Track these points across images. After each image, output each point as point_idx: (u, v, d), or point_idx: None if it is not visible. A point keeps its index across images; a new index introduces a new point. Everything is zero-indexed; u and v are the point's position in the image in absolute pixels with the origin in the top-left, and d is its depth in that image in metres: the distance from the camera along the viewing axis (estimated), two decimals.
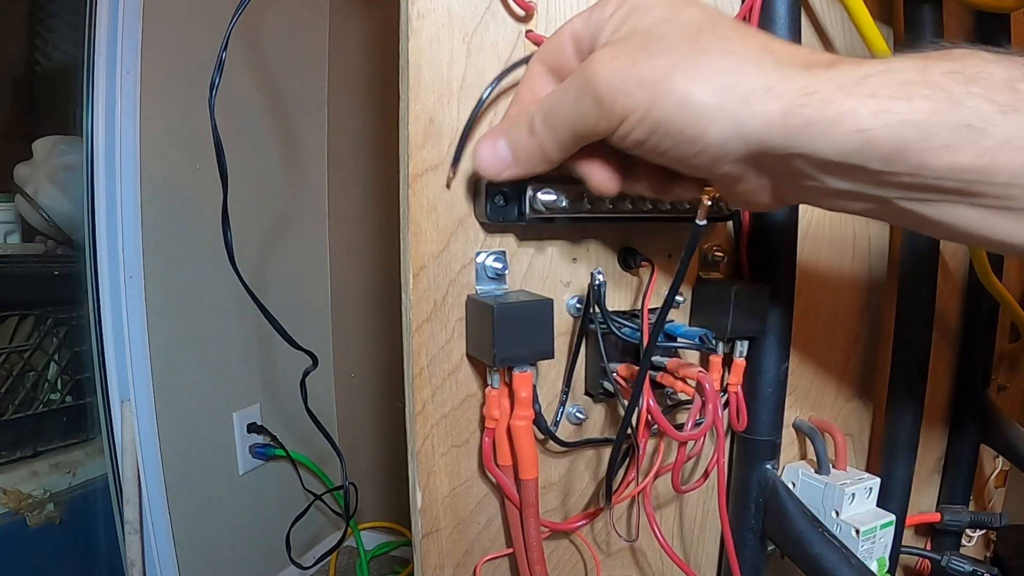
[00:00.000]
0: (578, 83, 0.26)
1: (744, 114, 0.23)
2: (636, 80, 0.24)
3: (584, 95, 0.26)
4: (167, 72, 0.92)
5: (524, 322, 0.33)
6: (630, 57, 0.25)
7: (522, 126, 0.29)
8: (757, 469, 0.43)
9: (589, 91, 0.25)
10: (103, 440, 0.91)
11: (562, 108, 0.27)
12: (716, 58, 0.24)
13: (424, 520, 0.37)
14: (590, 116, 0.26)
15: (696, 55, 0.24)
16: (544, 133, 0.28)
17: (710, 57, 0.24)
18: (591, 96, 0.25)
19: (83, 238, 0.89)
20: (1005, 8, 0.46)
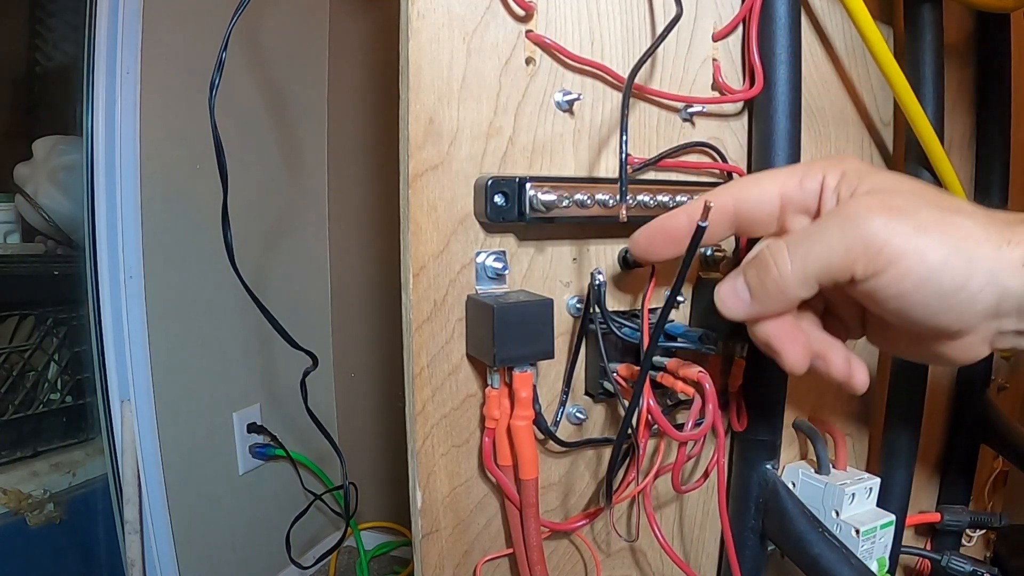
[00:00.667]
0: (843, 223, 0.27)
1: (1002, 264, 0.25)
2: (912, 227, 0.25)
3: (850, 235, 0.26)
4: (167, 72, 0.92)
5: (524, 322, 0.33)
6: (902, 208, 0.26)
7: (762, 265, 0.29)
8: (757, 469, 0.43)
9: (858, 233, 0.26)
10: (103, 440, 0.91)
11: (819, 245, 0.27)
12: (962, 214, 0.26)
13: (424, 520, 0.37)
14: (851, 256, 0.26)
15: (947, 213, 0.26)
16: (790, 268, 0.28)
17: (959, 215, 0.26)
18: (859, 237, 0.26)
19: (83, 238, 0.89)
20: (1005, 8, 0.46)
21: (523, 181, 0.34)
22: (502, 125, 0.36)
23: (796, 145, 0.41)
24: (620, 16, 0.39)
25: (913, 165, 0.46)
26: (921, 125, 0.42)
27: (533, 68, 0.36)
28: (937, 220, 0.26)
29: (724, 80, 0.42)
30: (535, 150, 0.37)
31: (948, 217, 0.26)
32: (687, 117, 0.42)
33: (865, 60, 0.47)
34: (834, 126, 0.47)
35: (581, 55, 0.37)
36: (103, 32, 0.85)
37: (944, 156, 0.44)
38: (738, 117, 0.44)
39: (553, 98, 0.37)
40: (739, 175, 0.42)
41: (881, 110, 0.49)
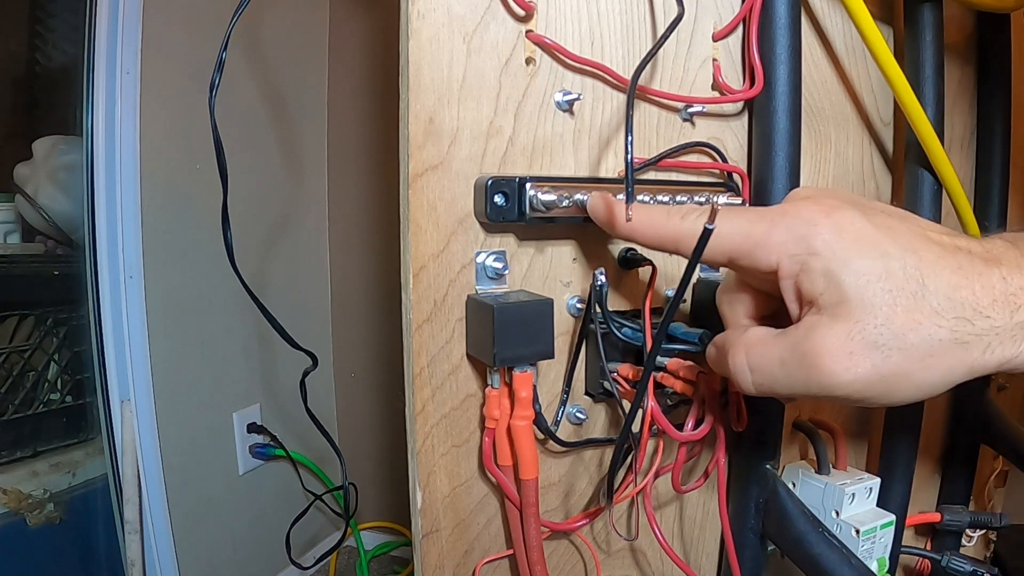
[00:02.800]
0: (806, 372, 0.26)
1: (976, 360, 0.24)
2: (876, 380, 0.25)
3: (814, 385, 0.26)
4: (167, 72, 0.92)
5: (524, 322, 0.33)
6: (866, 356, 0.24)
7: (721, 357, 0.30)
8: (757, 469, 0.43)
9: (823, 387, 0.26)
10: (103, 440, 0.91)
11: (782, 383, 0.27)
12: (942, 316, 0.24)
13: (424, 520, 0.37)
14: (812, 393, 0.26)
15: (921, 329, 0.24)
16: (750, 381, 0.28)
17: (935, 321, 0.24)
18: (822, 388, 0.26)
19: (83, 238, 0.89)
20: (1005, 8, 0.46)
21: (523, 181, 0.34)
22: (502, 125, 0.36)
23: (796, 145, 0.41)
24: (620, 16, 0.39)
25: (913, 165, 0.46)
26: (921, 125, 0.42)
27: (533, 68, 0.36)
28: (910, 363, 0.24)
29: (724, 80, 0.42)
30: (535, 150, 0.37)
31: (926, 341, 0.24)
32: (687, 117, 0.42)
33: (865, 60, 0.47)
34: (834, 126, 0.47)
35: (581, 55, 0.37)
36: (103, 32, 0.85)
37: (944, 156, 0.44)
38: (738, 117, 0.44)
39: (553, 98, 0.37)
40: (739, 175, 0.42)
41: (881, 110, 0.49)
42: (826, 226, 0.26)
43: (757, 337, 0.29)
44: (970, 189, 0.54)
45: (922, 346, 0.24)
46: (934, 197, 0.46)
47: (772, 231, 0.27)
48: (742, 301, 0.31)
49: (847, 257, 0.25)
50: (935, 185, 0.46)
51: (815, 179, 0.47)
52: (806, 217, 0.26)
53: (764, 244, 0.27)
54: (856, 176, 0.49)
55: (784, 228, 0.27)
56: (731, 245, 0.28)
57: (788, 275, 0.27)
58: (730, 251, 0.28)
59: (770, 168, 0.41)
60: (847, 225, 0.26)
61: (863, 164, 0.50)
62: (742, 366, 0.28)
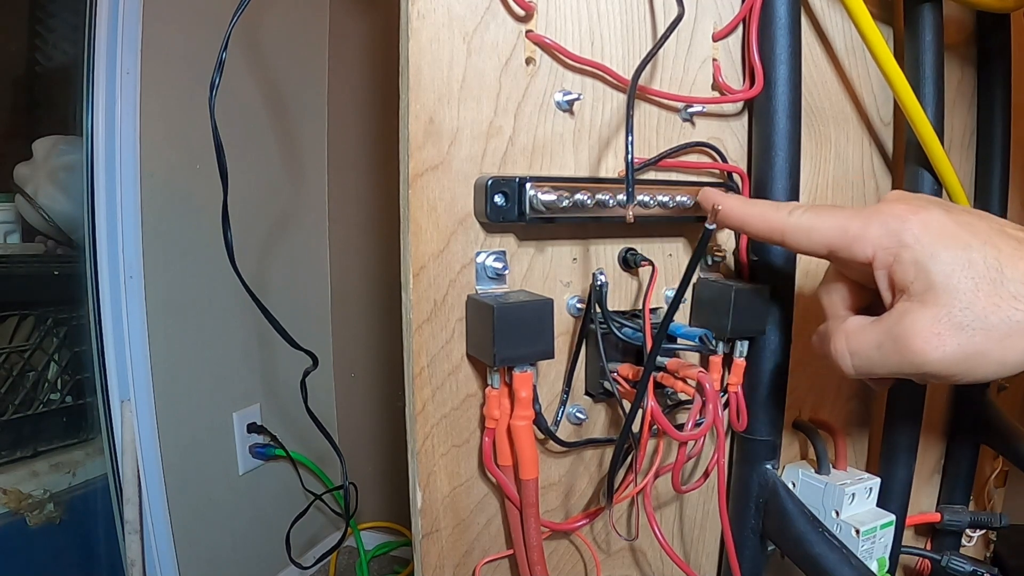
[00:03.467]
0: (900, 354, 0.29)
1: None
2: (961, 358, 0.27)
3: (907, 364, 0.29)
4: (167, 72, 0.92)
5: (524, 322, 0.33)
6: (952, 336, 0.27)
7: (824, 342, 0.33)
8: (757, 469, 0.43)
9: (915, 365, 0.28)
10: (103, 440, 0.91)
11: (880, 367, 0.30)
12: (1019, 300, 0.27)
13: (424, 520, 0.37)
14: (905, 372, 0.29)
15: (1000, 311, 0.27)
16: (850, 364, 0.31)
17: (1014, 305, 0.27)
18: (914, 367, 0.28)
19: (83, 238, 0.88)
20: (1005, 8, 0.46)
21: (523, 181, 0.34)
22: (502, 125, 0.36)
23: (796, 145, 0.41)
24: (620, 16, 0.39)
25: (913, 165, 0.46)
26: (921, 125, 0.42)
27: (533, 68, 0.36)
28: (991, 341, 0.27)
29: (724, 80, 0.42)
30: (535, 150, 0.37)
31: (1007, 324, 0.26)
32: (687, 117, 0.42)
33: (865, 60, 0.47)
34: (834, 126, 0.47)
35: (581, 55, 0.37)
36: (103, 32, 0.85)
37: (944, 156, 0.44)
38: (738, 117, 0.44)
39: (553, 98, 0.37)
40: (739, 175, 0.42)
41: (881, 110, 0.49)
42: (915, 222, 0.29)
43: (855, 325, 0.32)
44: (970, 189, 0.54)
45: (1002, 327, 0.27)
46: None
47: (868, 226, 0.30)
48: (840, 292, 0.34)
49: (934, 249, 0.28)
50: (935, 185, 0.46)
51: (815, 179, 0.47)
52: (897, 214, 0.29)
53: (861, 238, 0.30)
54: (856, 176, 0.49)
55: (878, 224, 0.30)
56: (831, 238, 0.31)
57: (882, 265, 0.30)
58: (830, 243, 0.31)
59: (770, 168, 0.41)
60: (933, 221, 0.29)
61: (863, 164, 0.50)
62: (843, 351, 0.31)
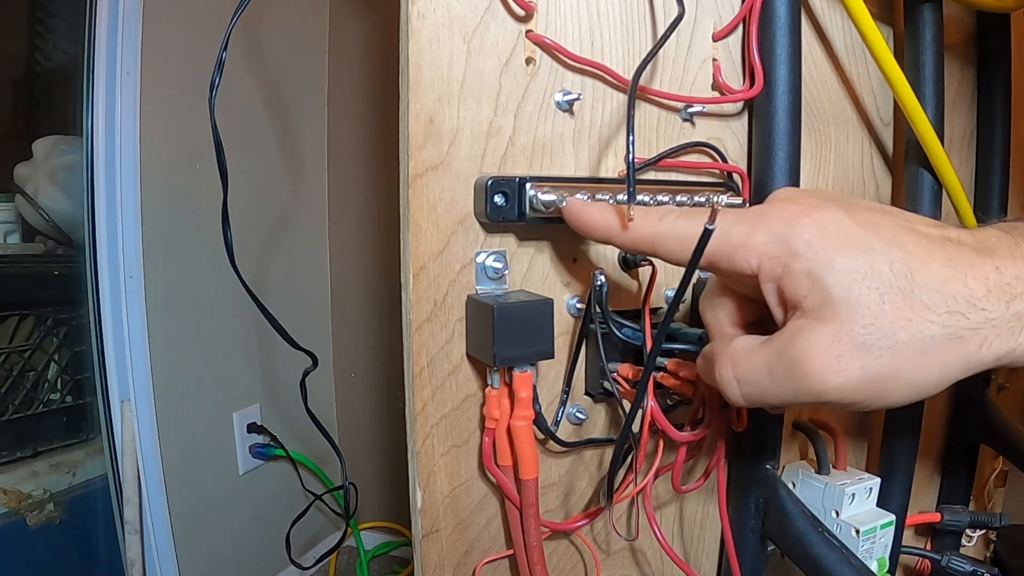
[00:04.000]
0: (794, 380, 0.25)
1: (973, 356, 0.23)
2: (867, 382, 0.24)
3: (803, 392, 0.25)
4: (167, 72, 0.92)
5: (524, 322, 0.33)
6: (854, 358, 0.24)
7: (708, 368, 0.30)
8: (757, 469, 0.43)
9: (812, 393, 0.25)
10: (103, 440, 0.91)
11: (771, 392, 0.26)
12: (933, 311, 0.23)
13: (424, 520, 0.37)
14: (801, 401, 0.26)
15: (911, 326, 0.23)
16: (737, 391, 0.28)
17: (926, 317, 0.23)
18: (811, 395, 0.25)
19: (83, 238, 0.89)
20: (1005, 8, 0.46)
21: (523, 181, 0.34)
22: (502, 125, 0.36)
23: (796, 145, 0.41)
24: (620, 16, 0.39)
25: (913, 165, 0.46)
26: (921, 125, 0.42)
27: (533, 68, 0.36)
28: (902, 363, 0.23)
29: (724, 80, 0.42)
30: (535, 150, 0.37)
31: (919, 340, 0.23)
32: (687, 117, 0.42)
33: (865, 60, 0.47)
34: (834, 126, 0.47)
35: (581, 55, 0.37)
36: (103, 32, 0.85)
37: (944, 156, 0.44)
38: (738, 117, 0.44)
39: (553, 98, 0.37)
40: (739, 175, 0.42)
41: (881, 110, 0.49)
42: (807, 226, 0.25)
43: (743, 347, 0.28)
44: (970, 189, 0.54)
45: (914, 344, 0.23)
46: (934, 197, 0.46)
47: (752, 233, 0.26)
48: (725, 307, 0.30)
49: (830, 256, 0.24)
50: (935, 185, 0.46)
51: (815, 179, 0.47)
52: (786, 218, 0.25)
53: (744, 247, 0.26)
54: (856, 176, 0.49)
55: (764, 230, 0.26)
56: (710, 248, 0.26)
57: (770, 278, 0.26)
58: (708, 253, 0.26)
59: (770, 168, 0.41)
60: (828, 224, 0.25)
61: (863, 164, 0.50)
62: (729, 378, 0.28)
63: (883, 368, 0.24)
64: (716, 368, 0.28)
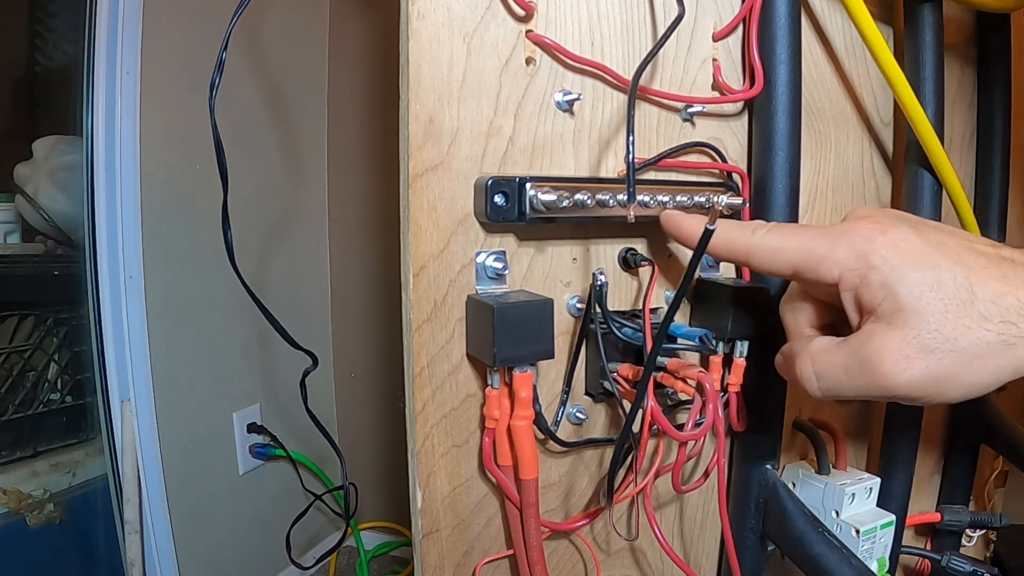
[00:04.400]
0: (867, 376, 0.28)
1: (1023, 360, 0.26)
2: (930, 381, 0.27)
3: (874, 387, 0.28)
4: (167, 72, 0.92)
5: (524, 322, 0.33)
6: (920, 359, 0.27)
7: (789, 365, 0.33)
8: (757, 469, 0.43)
9: (883, 388, 0.28)
10: (103, 440, 0.91)
11: (847, 389, 0.29)
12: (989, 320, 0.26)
13: (424, 520, 0.37)
14: (873, 395, 0.29)
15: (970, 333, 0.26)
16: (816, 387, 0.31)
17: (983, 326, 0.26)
18: (882, 390, 0.28)
19: (83, 238, 0.88)
20: (1005, 8, 0.46)
21: (523, 181, 0.34)
22: (502, 125, 0.36)
23: (796, 145, 0.41)
24: (620, 16, 0.39)
25: (913, 165, 0.46)
26: (921, 125, 0.42)
27: (533, 68, 0.36)
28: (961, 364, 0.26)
29: (724, 80, 0.42)
30: (535, 150, 0.37)
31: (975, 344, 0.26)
32: (687, 117, 0.42)
33: (865, 60, 0.47)
34: (834, 126, 0.47)
35: (581, 55, 0.37)
36: (103, 32, 0.85)
37: (944, 156, 0.44)
38: (738, 117, 0.44)
39: (553, 98, 0.37)
40: (739, 175, 0.42)
41: (881, 110, 0.49)
42: (883, 243, 0.28)
43: (821, 346, 0.31)
44: (970, 189, 0.54)
45: (971, 349, 0.26)
46: (934, 197, 0.46)
47: (835, 247, 0.29)
48: (804, 311, 0.34)
49: (902, 271, 0.27)
50: (935, 185, 0.46)
51: (815, 179, 0.47)
52: (865, 235, 0.29)
53: (827, 259, 0.29)
54: (856, 176, 0.49)
55: (846, 245, 0.29)
56: (797, 259, 0.30)
57: (849, 287, 0.29)
58: (796, 264, 0.30)
59: (770, 168, 0.41)
60: (901, 241, 0.28)
61: (863, 164, 0.50)
62: (809, 374, 0.31)
63: (945, 369, 0.27)
64: (796, 365, 0.32)
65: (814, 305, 0.34)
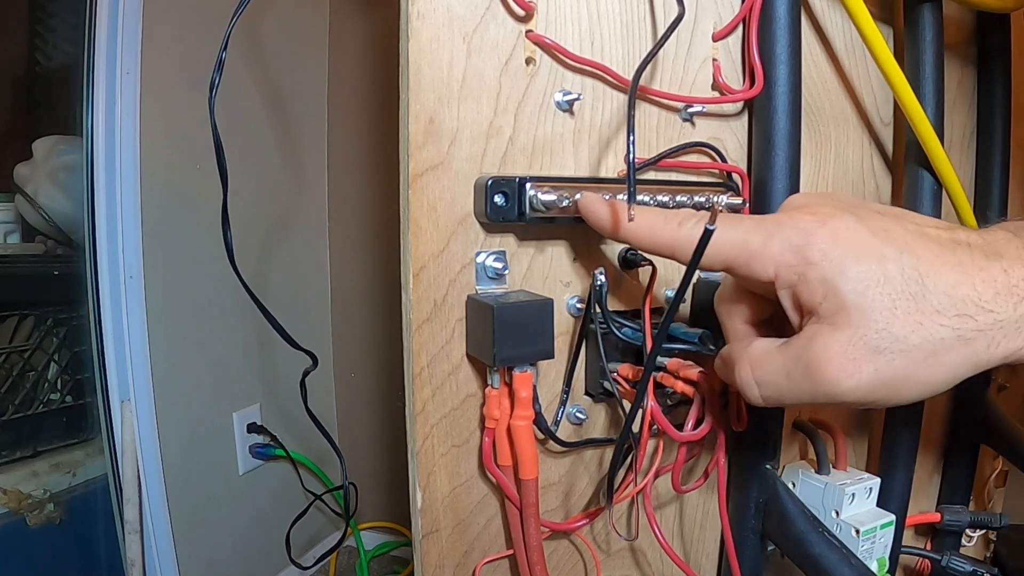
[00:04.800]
0: (811, 383, 0.26)
1: (981, 355, 0.24)
2: (879, 384, 0.25)
3: (820, 394, 0.26)
4: (167, 72, 0.92)
5: (524, 322, 0.33)
6: (868, 361, 0.25)
7: (728, 368, 0.30)
8: (757, 469, 0.43)
9: (828, 395, 0.26)
10: (103, 440, 0.91)
11: (789, 393, 0.27)
12: (943, 314, 0.24)
13: (424, 520, 0.37)
14: (819, 401, 0.27)
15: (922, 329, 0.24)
16: (757, 394, 0.29)
17: (937, 321, 0.24)
18: (828, 396, 0.26)
19: (83, 238, 0.89)
20: (1005, 8, 0.46)
21: (523, 181, 0.34)
22: (502, 125, 0.36)
23: (796, 145, 0.41)
24: (620, 16, 0.39)
25: (913, 165, 0.46)
26: (921, 125, 0.42)
27: (533, 68, 0.36)
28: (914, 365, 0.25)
29: (724, 80, 0.42)
30: (535, 150, 0.37)
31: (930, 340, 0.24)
32: (687, 117, 0.42)
33: (865, 60, 0.47)
34: (834, 126, 0.47)
35: (581, 55, 0.37)
36: (103, 32, 0.85)
37: (944, 156, 0.44)
38: (738, 117, 0.44)
39: (553, 98, 0.37)
40: (739, 175, 0.42)
41: (881, 110, 0.49)
42: (821, 235, 0.26)
43: (761, 351, 0.29)
44: (970, 189, 0.54)
45: (925, 346, 0.24)
46: (934, 197, 0.46)
47: (768, 242, 0.27)
48: (740, 308, 0.32)
49: (844, 265, 0.25)
50: (935, 185, 0.46)
51: (815, 179, 0.47)
52: (802, 227, 0.26)
53: (761, 255, 0.27)
54: (856, 176, 0.49)
55: (780, 239, 0.27)
56: (729, 254, 0.28)
57: (786, 285, 0.27)
58: (727, 259, 0.28)
59: (770, 168, 0.41)
60: (842, 232, 0.26)
61: (863, 164, 0.50)
62: (749, 380, 0.29)
63: (895, 370, 0.25)
64: (736, 370, 0.30)
65: (751, 301, 0.31)
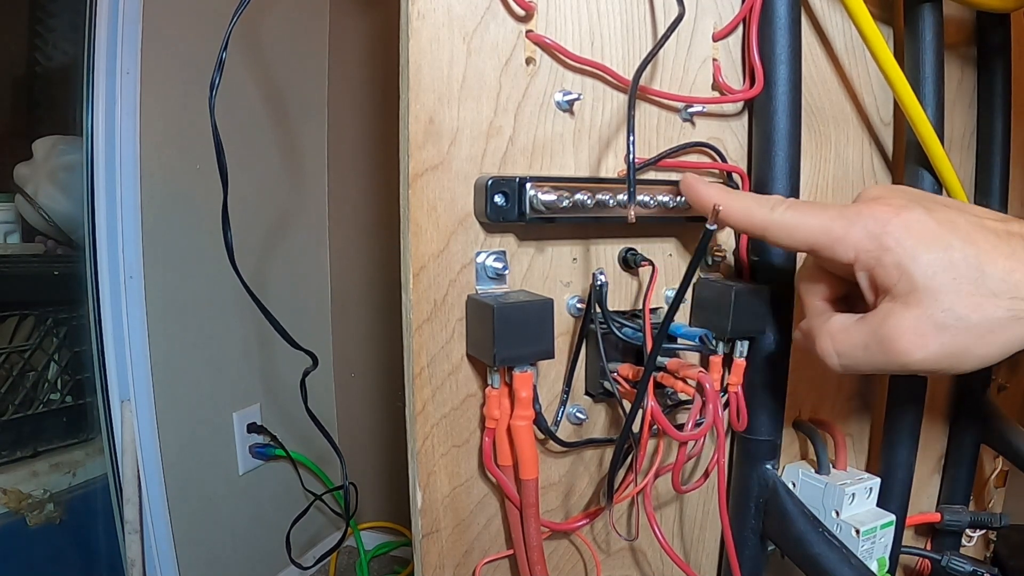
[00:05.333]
0: (885, 354, 0.30)
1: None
2: (944, 356, 0.29)
3: (893, 363, 0.30)
4: (167, 72, 0.92)
5: (524, 322, 0.33)
6: (935, 336, 0.28)
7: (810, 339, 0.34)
8: (757, 469, 0.43)
9: (901, 364, 0.29)
10: (103, 440, 0.91)
11: (865, 363, 0.31)
12: (999, 297, 0.28)
13: (424, 520, 0.37)
14: (891, 370, 0.30)
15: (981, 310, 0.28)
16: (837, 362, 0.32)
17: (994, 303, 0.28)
18: (900, 366, 0.30)
19: (83, 238, 0.89)
20: (1005, 8, 0.46)
21: (523, 181, 0.34)
22: (502, 125, 0.36)
23: (796, 145, 0.41)
24: (620, 16, 0.39)
25: (913, 165, 0.46)
26: (921, 125, 0.42)
27: (533, 68, 0.36)
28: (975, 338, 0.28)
29: (724, 80, 0.42)
30: (535, 150, 0.37)
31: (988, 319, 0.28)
32: (687, 117, 0.42)
33: (865, 60, 0.47)
34: (834, 126, 0.47)
35: (581, 55, 0.37)
36: (103, 32, 0.85)
37: (944, 156, 0.44)
38: (738, 117, 0.44)
39: (553, 98, 0.37)
40: (739, 175, 0.42)
41: (881, 110, 0.49)
42: (896, 224, 0.29)
43: (839, 325, 0.32)
44: (970, 189, 0.54)
45: (984, 324, 0.28)
46: None
47: (850, 229, 0.30)
48: (819, 287, 0.35)
49: (915, 252, 0.29)
50: (935, 185, 0.46)
51: (815, 179, 0.47)
52: (879, 217, 0.30)
53: (843, 240, 0.31)
54: (856, 176, 0.49)
55: (860, 227, 0.30)
56: (814, 239, 0.31)
57: (864, 267, 0.30)
58: (813, 243, 0.32)
59: (770, 168, 0.41)
60: (914, 223, 0.29)
61: (863, 164, 0.50)
62: (829, 351, 0.32)
63: (958, 345, 0.28)
64: (816, 343, 0.33)
65: (828, 280, 0.35)
